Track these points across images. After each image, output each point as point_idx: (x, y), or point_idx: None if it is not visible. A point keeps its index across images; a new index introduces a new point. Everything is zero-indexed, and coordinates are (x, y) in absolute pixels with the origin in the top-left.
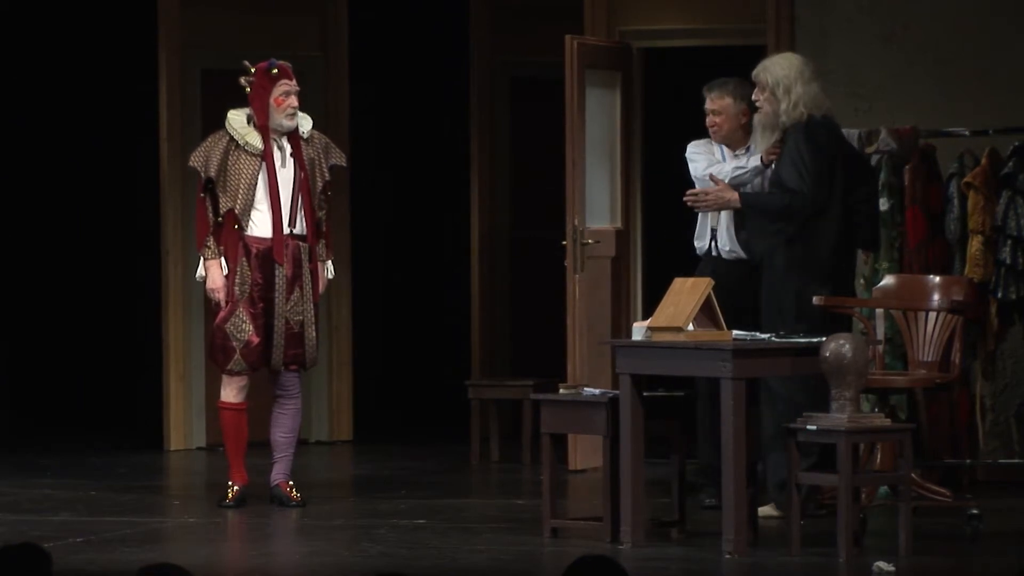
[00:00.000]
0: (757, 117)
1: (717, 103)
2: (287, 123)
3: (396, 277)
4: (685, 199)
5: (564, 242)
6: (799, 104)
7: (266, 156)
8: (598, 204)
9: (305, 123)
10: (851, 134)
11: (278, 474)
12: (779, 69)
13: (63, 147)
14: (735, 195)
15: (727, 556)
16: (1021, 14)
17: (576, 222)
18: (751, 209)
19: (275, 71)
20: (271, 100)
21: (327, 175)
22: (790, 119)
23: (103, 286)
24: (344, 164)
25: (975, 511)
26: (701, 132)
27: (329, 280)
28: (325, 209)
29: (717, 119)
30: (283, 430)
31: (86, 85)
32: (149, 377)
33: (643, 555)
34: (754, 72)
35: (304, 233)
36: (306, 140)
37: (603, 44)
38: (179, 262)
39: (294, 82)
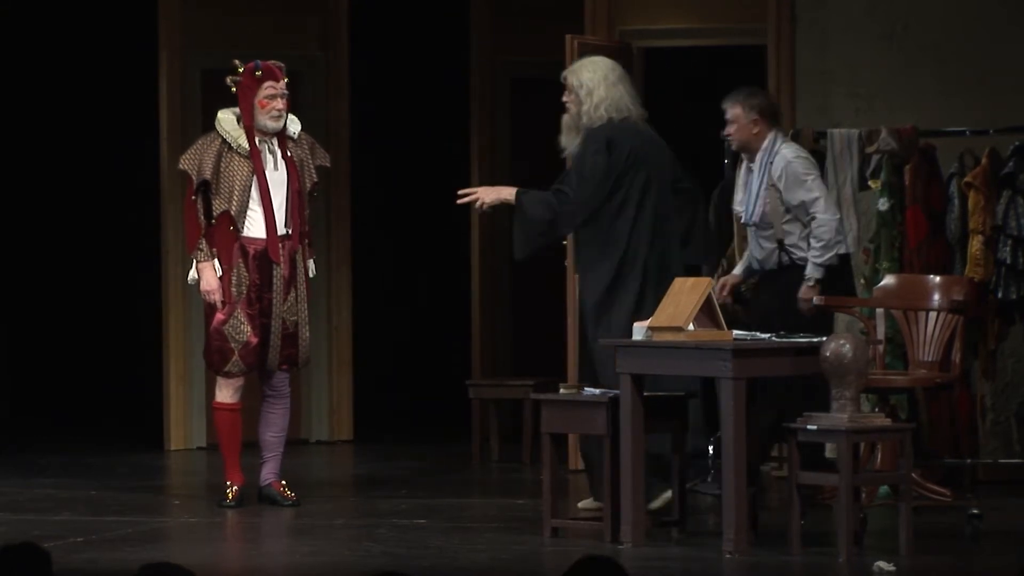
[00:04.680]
0: (564, 118)
1: (729, 113)
2: (271, 125)
3: (396, 277)
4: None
5: (565, 242)
6: (600, 107)
7: (253, 156)
8: None
9: (293, 125)
10: (851, 134)
11: (269, 473)
12: (585, 72)
13: (63, 147)
14: (511, 191)
15: (727, 556)
16: (1021, 14)
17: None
18: (521, 213)
19: (259, 73)
20: (256, 102)
21: (314, 176)
22: (590, 121)
23: (103, 286)
24: (328, 165)
25: (976, 511)
26: (701, 132)
27: (312, 277)
28: (308, 210)
29: (730, 129)
30: (274, 430)
31: (86, 85)
32: (149, 377)
33: (643, 555)
34: (563, 74)
35: (299, 232)
36: (294, 141)
37: (603, 44)
38: (179, 262)
39: (281, 84)
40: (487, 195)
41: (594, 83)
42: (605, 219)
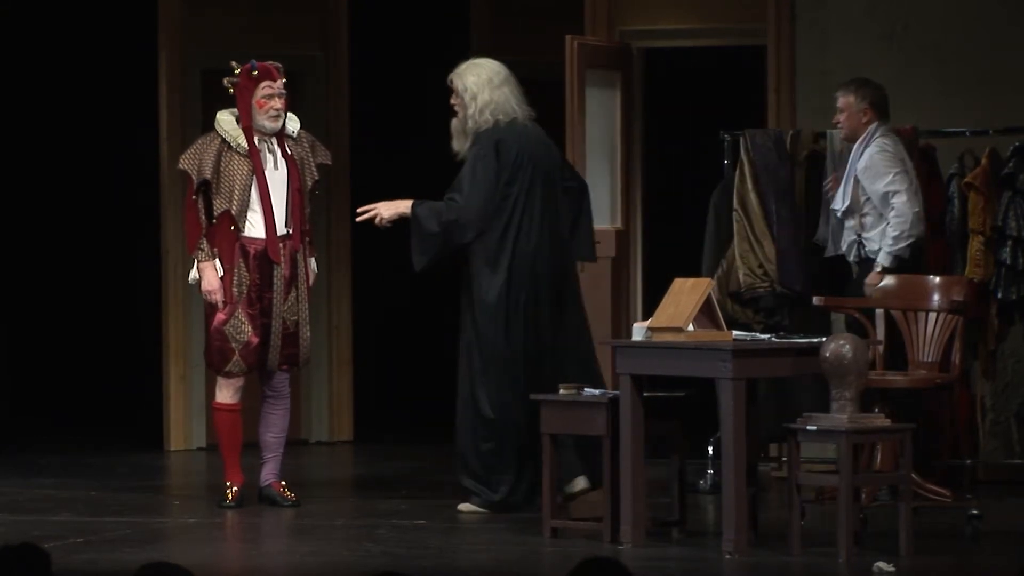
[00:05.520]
0: (452, 122)
1: (840, 101)
2: (269, 125)
3: (396, 276)
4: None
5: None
6: (486, 110)
7: (252, 156)
8: (598, 204)
9: (292, 123)
10: None
11: (269, 474)
12: (469, 76)
13: (63, 147)
14: (407, 204)
15: (727, 556)
16: (1021, 14)
17: None
18: (417, 225)
19: (255, 72)
20: (253, 102)
21: (315, 174)
22: (477, 124)
23: (103, 286)
24: (329, 163)
25: (975, 511)
26: (701, 131)
27: (314, 275)
28: (309, 208)
29: (839, 117)
30: (274, 431)
31: (86, 85)
32: (149, 377)
33: (643, 555)
34: (448, 77)
35: (299, 232)
36: (294, 140)
37: (603, 44)
38: (179, 262)
39: (279, 84)
40: (385, 211)
41: (478, 87)
42: (495, 221)
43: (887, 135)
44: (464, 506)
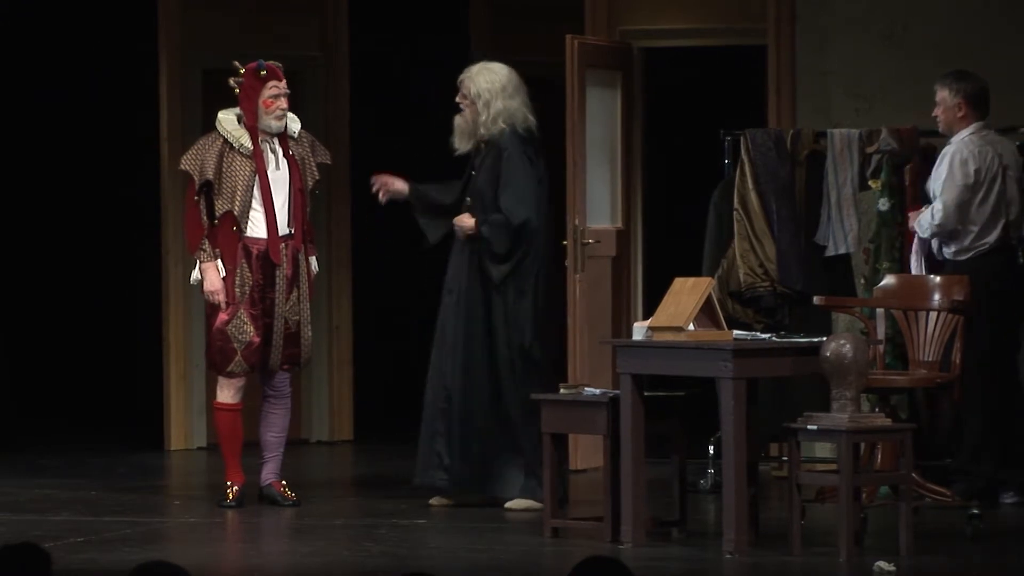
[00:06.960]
0: (457, 120)
1: (937, 95)
2: (275, 124)
3: (396, 277)
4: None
5: (564, 242)
6: (498, 119)
7: (255, 157)
8: (598, 204)
9: (293, 124)
10: (851, 134)
11: (269, 473)
12: (483, 81)
13: (63, 147)
14: (472, 221)
15: (727, 556)
16: (1021, 14)
17: (576, 222)
18: (491, 242)
19: (263, 72)
20: (260, 102)
21: (316, 174)
22: (488, 132)
23: (103, 286)
24: (329, 162)
25: (976, 511)
26: (701, 131)
27: (314, 274)
28: (310, 207)
29: (937, 111)
30: (275, 430)
31: (86, 85)
32: (149, 377)
33: (643, 555)
34: (459, 77)
35: (301, 231)
36: (295, 140)
37: (603, 44)
38: (179, 262)
39: (284, 84)
40: (466, 222)
41: (492, 94)
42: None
43: (980, 136)
44: (517, 503)
